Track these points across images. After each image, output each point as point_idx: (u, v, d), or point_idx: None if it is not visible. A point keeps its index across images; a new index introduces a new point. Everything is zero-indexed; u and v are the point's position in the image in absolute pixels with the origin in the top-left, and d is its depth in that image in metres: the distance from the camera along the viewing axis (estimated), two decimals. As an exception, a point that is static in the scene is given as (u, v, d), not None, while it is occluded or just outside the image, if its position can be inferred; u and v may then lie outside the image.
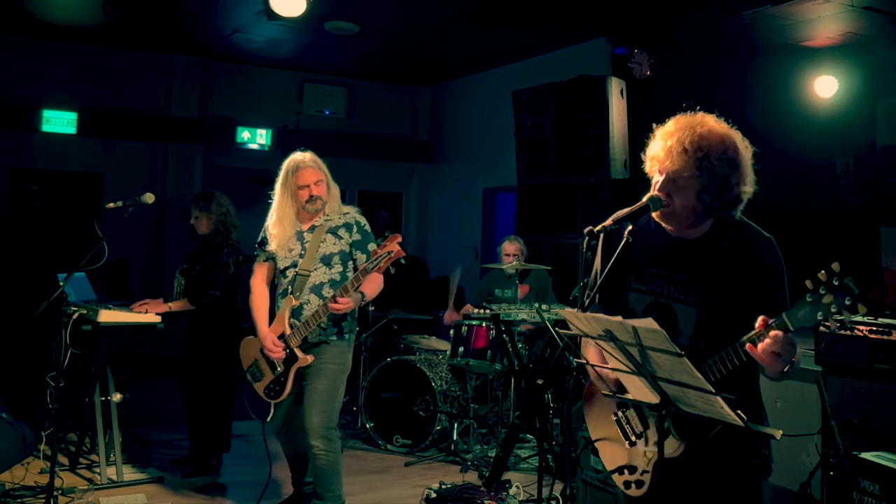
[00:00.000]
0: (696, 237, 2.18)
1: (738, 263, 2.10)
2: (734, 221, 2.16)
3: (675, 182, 2.10)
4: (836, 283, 1.73)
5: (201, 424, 4.90)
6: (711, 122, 2.12)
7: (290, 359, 3.72)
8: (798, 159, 6.57)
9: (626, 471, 2.20)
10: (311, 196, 3.78)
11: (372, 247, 3.78)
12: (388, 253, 3.44)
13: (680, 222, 2.17)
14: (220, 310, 4.81)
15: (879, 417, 3.69)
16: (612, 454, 2.27)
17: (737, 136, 2.12)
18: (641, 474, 2.15)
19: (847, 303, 1.72)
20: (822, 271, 1.75)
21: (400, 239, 3.50)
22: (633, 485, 2.17)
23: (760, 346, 1.87)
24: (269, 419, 3.85)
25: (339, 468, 3.80)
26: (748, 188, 2.11)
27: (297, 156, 3.84)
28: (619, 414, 2.24)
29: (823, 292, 1.75)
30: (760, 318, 1.87)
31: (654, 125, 2.21)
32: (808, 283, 1.77)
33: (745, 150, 2.12)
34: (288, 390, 3.75)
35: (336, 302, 3.53)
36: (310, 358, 3.70)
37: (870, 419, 3.71)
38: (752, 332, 1.90)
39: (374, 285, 3.72)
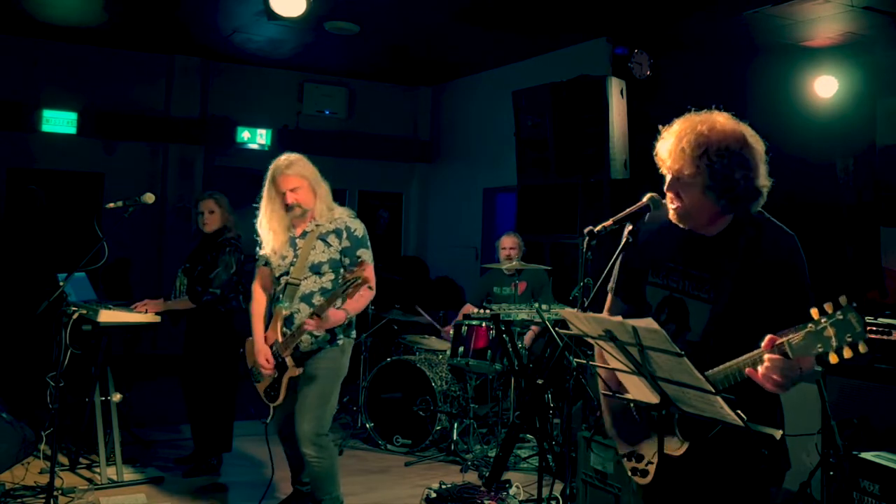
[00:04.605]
0: (713, 233, 2.16)
1: (755, 262, 2.07)
2: (754, 218, 2.12)
3: (679, 181, 2.10)
4: (840, 317, 1.70)
5: (203, 424, 4.91)
6: (718, 119, 2.09)
7: (282, 367, 3.71)
8: (798, 159, 6.57)
9: (633, 458, 2.22)
10: (288, 205, 3.68)
11: (360, 252, 3.71)
12: (356, 279, 3.44)
13: (694, 221, 2.15)
14: (222, 309, 4.81)
15: (879, 417, 3.69)
16: (624, 440, 2.28)
17: (746, 130, 2.10)
18: (646, 465, 2.17)
19: (848, 339, 1.69)
20: (830, 303, 1.71)
21: (368, 267, 3.56)
22: (638, 473, 2.20)
23: (760, 370, 1.86)
24: (268, 420, 3.85)
25: (334, 472, 3.77)
26: (762, 182, 2.08)
27: (281, 160, 3.71)
28: (633, 405, 2.24)
29: (826, 324, 1.71)
30: (767, 338, 1.84)
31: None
32: (814, 313, 1.74)
33: (756, 143, 2.09)
34: (282, 397, 3.74)
35: (309, 322, 3.51)
36: (298, 370, 3.68)
37: (870, 419, 3.72)
38: (754, 353, 1.88)
39: (358, 302, 3.65)
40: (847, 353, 1.70)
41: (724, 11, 6.32)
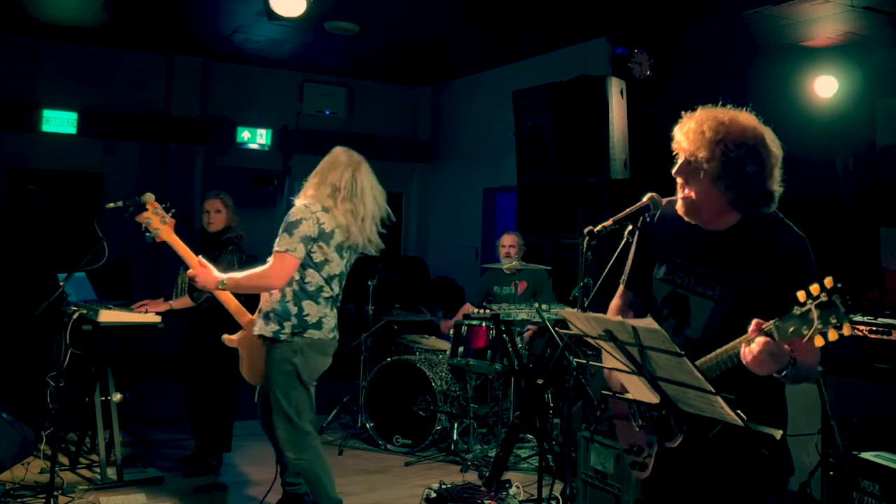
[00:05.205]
0: (722, 230, 2.15)
1: (764, 261, 2.06)
2: (766, 217, 2.11)
3: (691, 165, 2.09)
4: (825, 300, 1.70)
5: (203, 424, 4.91)
6: (741, 115, 2.10)
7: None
8: (798, 159, 6.56)
9: (633, 451, 2.23)
10: None
11: (278, 238, 3.55)
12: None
13: (702, 214, 2.14)
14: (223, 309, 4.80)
15: (879, 417, 3.69)
16: (625, 432, 2.29)
17: (767, 132, 2.10)
18: (645, 458, 2.18)
19: (833, 321, 1.69)
20: (816, 284, 1.72)
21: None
22: (637, 466, 2.20)
23: (747, 349, 1.86)
24: (256, 399, 3.90)
25: (319, 472, 3.67)
26: (774, 185, 2.08)
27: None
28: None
29: (811, 307, 1.72)
30: (754, 322, 1.85)
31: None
32: (800, 296, 1.74)
33: (774, 146, 2.09)
34: (244, 366, 3.84)
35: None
36: (226, 336, 3.83)
37: (870, 419, 3.72)
38: (745, 336, 1.89)
39: (240, 278, 3.66)
40: (832, 336, 1.70)
41: (724, 11, 6.32)
